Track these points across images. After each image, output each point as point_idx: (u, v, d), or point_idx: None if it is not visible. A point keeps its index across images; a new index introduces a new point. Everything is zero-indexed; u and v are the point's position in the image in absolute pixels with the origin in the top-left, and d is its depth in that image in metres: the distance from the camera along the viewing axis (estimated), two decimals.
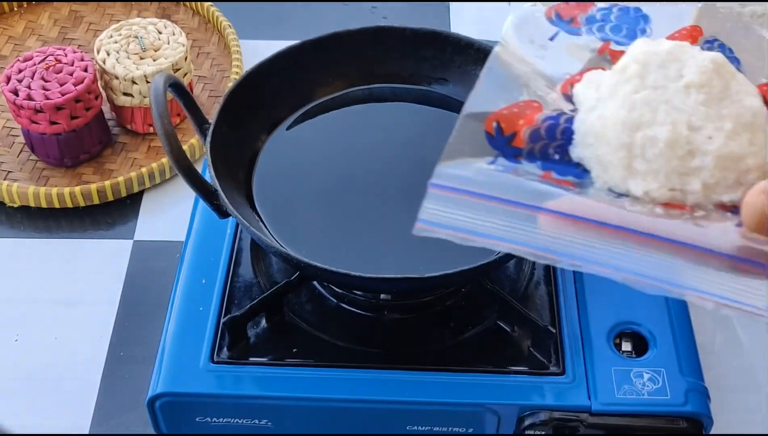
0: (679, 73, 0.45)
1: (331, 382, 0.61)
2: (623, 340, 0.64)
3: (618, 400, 0.60)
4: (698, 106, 0.43)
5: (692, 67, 0.45)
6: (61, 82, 0.81)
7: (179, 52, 0.86)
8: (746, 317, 0.40)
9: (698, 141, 0.43)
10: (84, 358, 0.72)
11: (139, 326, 0.74)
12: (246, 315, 0.62)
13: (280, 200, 0.66)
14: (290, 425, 0.62)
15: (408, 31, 0.72)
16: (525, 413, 0.60)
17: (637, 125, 0.43)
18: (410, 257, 0.62)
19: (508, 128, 0.46)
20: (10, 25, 1.00)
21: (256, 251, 0.69)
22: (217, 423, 0.62)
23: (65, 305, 0.76)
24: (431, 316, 0.66)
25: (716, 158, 0.42)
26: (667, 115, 0.43)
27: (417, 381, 0.61)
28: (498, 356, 0.63)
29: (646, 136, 0.43)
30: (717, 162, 0.42)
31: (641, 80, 0.45)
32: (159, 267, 0.78)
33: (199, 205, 0.72)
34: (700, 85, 0.44)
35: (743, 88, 0.45)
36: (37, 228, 0.82)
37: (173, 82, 0.61)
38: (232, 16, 1.00)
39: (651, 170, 0.43)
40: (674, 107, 0.43)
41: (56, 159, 0.84)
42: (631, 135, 0.43)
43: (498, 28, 1.04)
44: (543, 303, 0.66)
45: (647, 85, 0.44)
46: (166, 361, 0.62)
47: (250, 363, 0.62)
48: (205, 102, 0.92)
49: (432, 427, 0.62)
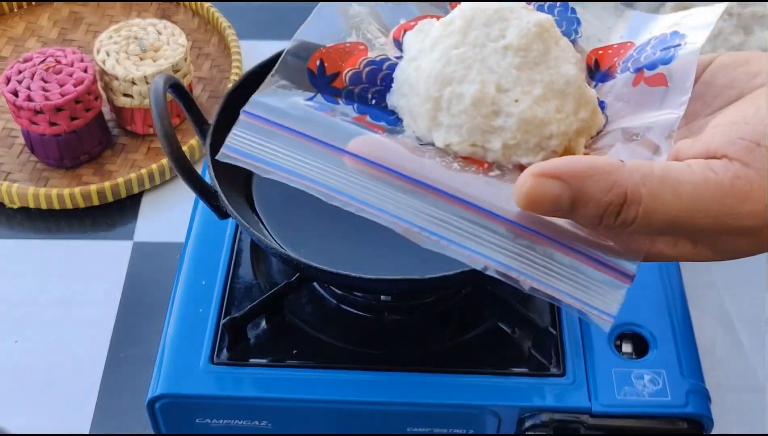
0: (502, 34, 0.45)
1: (331, 383, 0.61)
2: (624, 341, 0.64)
3: (618, 401, 0.60)
4: (511, 69, 0.44)
5: (515, 30, 0.45)
6: (60, 83, 0.81)
7: (179, 53, 0.86)
8: (510, 282, 0.40)
9: (504, 102, 0.43)
10: (84, 359, 0.72)
11: (139, 327, 0.74)
12: (246, 316, 0.62)
13: (280, 201, 0.66)
14: (290, 426, 0.62)
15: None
16: (525, 415, 0.60)
17: (449, 81, 0.44)
18: (410, 258, 0.62)
19: (331, 68, 0.47)
20: (10, 26, 1.00)
21: (256, 253, 0.69)
22: (217, 424, 0.62)
23: (65, 305, 0.76)
24: (431, 317, 0.66)
25: (519, 121, 0.43)
26: (479, 74, 0.44)
27: (417, 382, 0.61)
28: (498, 358, 0.63)
29: (454, 92, 0.44)
30: (519, 125, 0.43)
31: (463, 36, 0.45)
32: (159, 268, 0.78)
33: (198, 206, 0.72)
34: (517, 49, 0.44)
35: (563, 55, 0.45)
36: (37, 229, 0.82)
37: (173, 83, 0.61)
38: (232, 17, 1.00)
39: (454, 125, 0.44)
40: (487, 67, 0.44)
41: (56, 160, 0.84)
42: (440, 90, 0.44)
43: None
44: (543, 304, 0.66)
45: (467, 42, 0.45)
46: (166, 362, 0.62)
47: (250, 364, 0.62)
48: (204, 103, 0.92)
49: (432, 428, 0.62)
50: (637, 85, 0.45)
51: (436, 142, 0.44)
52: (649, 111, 0.44)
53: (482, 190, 0.42)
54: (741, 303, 0.76)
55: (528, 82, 0.44)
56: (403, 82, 0.46)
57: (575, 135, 0.44)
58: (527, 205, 0.39)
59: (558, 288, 0.40)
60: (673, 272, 0.68)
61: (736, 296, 0.76)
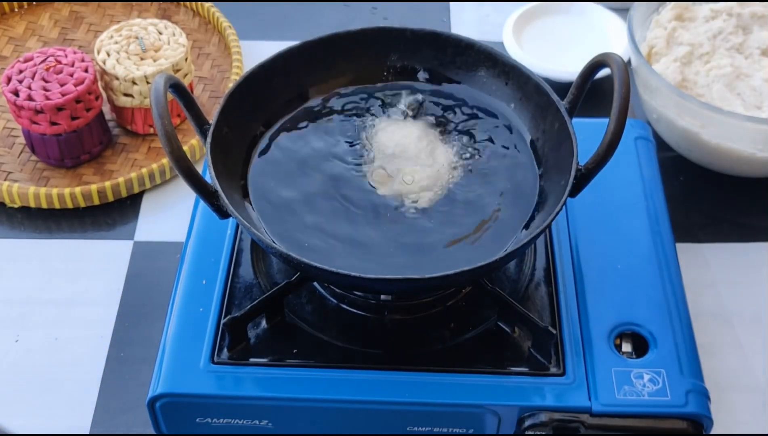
0: None
1: (331, 383, 0.61)
2: (623, 341, 0.64)
3: (618, 401, 0.60)
4: None
5: None
6: (61, 82, 0.81)
7: (179, 52, 0.86)
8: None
9: None
10: (84, 358, 0.72)
11: (139, 327, 0.74)
12: (246, 316, 0.62)
13: (281, 200, 0.66)
14: (290, 425, 0.62)
15: (408, 32, 0.72)
16: (525, 414, 0.60)
17: None
18: (410, 258, 0.62)
19: None
20: (11, 26, 1.00)
21: (257, 252, 0.69)
22: (218, 424, 0.62)
23: (65, 305, 0.76)
24: (431, 317, 0.66)
25: None
26: None
27: (417, 382, 0.61)
28: (498, 357, 0.63)
29: None
30: None
31: None
32: (159, 268, 0.78)
33: (199, 205, 0.72)
34: None
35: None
36: (38, 229, 0.82)
37: (174, 82, 0.61)
38: (233, 17, 1.00)
39: None
40: None
41: (56, 160, 0.84)
42: None
43: (498, 29, 1.06)
44: (543, 304, 0.66)
45: None
46: (167, 361, 0.62)
47: (250, 364, 0.62)
48: (205, 103, 0.92)
49: (432, 428, 0.62)
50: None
51: None
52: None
53: None
54: (741, 302, 0.76)
55: None
56: None
57: None
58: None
59: None
60: (673, 271, 0.68)
61: (736, 295, 0.76)
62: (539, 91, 0.68)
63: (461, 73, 0.73)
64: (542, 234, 0.62)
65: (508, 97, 0.71)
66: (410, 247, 0.63)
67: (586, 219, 0.71)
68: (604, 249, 0.69)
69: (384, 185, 0.67)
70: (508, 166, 0.68)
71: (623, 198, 0.73)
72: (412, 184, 0.67)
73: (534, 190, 0.67)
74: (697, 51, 0.85)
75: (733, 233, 0.81)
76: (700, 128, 0.79)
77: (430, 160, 0.68)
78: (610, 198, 0.73)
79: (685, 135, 0.81)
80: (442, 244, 0.63)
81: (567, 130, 0.64)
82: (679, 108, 0.79)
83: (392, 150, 0.69)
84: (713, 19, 0.88)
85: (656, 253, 0.69)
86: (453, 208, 0.66)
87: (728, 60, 0.84)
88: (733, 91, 0.82)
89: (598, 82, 0.74)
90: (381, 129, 0.71)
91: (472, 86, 0.73)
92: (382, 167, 0.68)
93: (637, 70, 0.83)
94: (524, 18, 0.98)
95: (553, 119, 0.66)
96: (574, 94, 0.66)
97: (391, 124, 0.71)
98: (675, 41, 0.86)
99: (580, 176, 0.62)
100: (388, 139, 0.70)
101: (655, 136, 0.83)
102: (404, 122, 0.71)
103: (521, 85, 0.70)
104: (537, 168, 0.68)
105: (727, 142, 0.79)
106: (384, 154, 0.69)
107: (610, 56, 0.62)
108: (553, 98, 0.67)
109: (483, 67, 0.72)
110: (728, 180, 0.84)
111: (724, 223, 0.82)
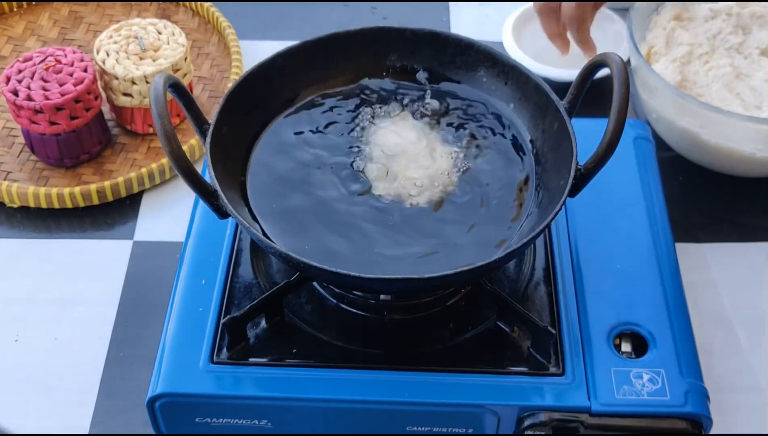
0: None
1: (330, 382, 0.61)
2: (623, 340, 0.64)
3: (617, 401, 0.60)
4: None
5: None
6: (60, 82, 0.81)
7: (179, 52, 0.86)
8: None
9: None
10: (84, 358, 0.72)
11: (139, 327, 0.74)
12: (246, 316, 0.62)
13: (280, 200, 0.66)
14: (290, 425, 0.62)
15: (408, 32, 0.72)
16: (525, 414, 0.60)
17: None
18: (410, 257, 0.62)
19: None
20: (10, 26, 1.00)
21: (256, 252, 0.69)
22: (217, 424, 0.62)
23: (65, 305, 0.76)
24: (431, 316, 0.66)
25: None
26: None
27: (417, 382, 0.61)
28: (498, 357, 0.63)
29: None
30: None
31: None
32: (159, 267, 0.78)
33: (199, 205, 0.72)
34: None
35: None
36: (37, 228, 0.82)
37: (173, 82, 0.61)
38: (232, 17, 1.00)
39: None
40: None
41: (56, 159, 0.84)
42: None
43: (498, 29, 1.05)
44: (543, 304, 0.66)
45: None
46: (166, 361, 0.62)
47: (249, 364, 0.62)
48: (204, 102, 0.92)
49: (432, 427, 0.62)
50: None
51: None
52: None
53: None
54: (740, 303, 0.76)
55: None
56: None
57: None
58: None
59: None
60: (673, 271, 0.68)
61: (736, 295, 0.76)
62: (539, 90, 0.68)
63: (461, 73, 0.73)
64: (542, 234, 0.62)
65: (508, 97, 0.71)
66: (410, 246, 0.63)
67: (585, 219, 0.71)
68: (603, 249, 0.69)
69: (383, 185, 0.67)
70: (506, 166, 0.68)
71: (623, 198, 0.73)
72: (412, 184, 0.67)
73: (533, 190, 0.67)
74: (697, 51, 0.85)
75: (732, 233, 0.81)
76: (699, 128, 0.79)
77: (429, 161, 0.68)
78: (609, 198, 0.73)
79: (684, 135, 0.81)
80: (441, 243, 0.63)
81: (566, 130, 0.64)
82: (678, 108, 0.79)
83: (392, 150, 0.69)
84: (712, 19, 0.88)
85: (656, 253, 0.69)
86: (452, 207, 0.66)
87: (727, 60, 0.84)
88: (732, 91, 0.82)
89: (597, 82, 0.74)
90: (381, 129, 0.71)
91: (472, 86, 0.73)
92: (381, 167, 0.68)
93: (637, 70, 0.83)
94: (524, 18, 0.98)
95: (553, 119, 0.66)
96: (574, 94, 0.66)
97: (391, 125, 0.71)
98: (674, 41, 0.86)
99: (579, 176, 0.62)
100: (388, 139, 0.70)
101: (655, 136, 0.83)
102: (404, 122, 0.71)
103: (521, 84, 0.70)
104: (536, 168, 0.68)
105: (727, 142, 0.79)
106: (383, 154, 0.69)
107: (609, 56, 0.62)
108: (552, 98, 0.67)
109: (482, 67, 0.72)
110: (728, 180, 0.84)
111: (724, 223, 0.82)
